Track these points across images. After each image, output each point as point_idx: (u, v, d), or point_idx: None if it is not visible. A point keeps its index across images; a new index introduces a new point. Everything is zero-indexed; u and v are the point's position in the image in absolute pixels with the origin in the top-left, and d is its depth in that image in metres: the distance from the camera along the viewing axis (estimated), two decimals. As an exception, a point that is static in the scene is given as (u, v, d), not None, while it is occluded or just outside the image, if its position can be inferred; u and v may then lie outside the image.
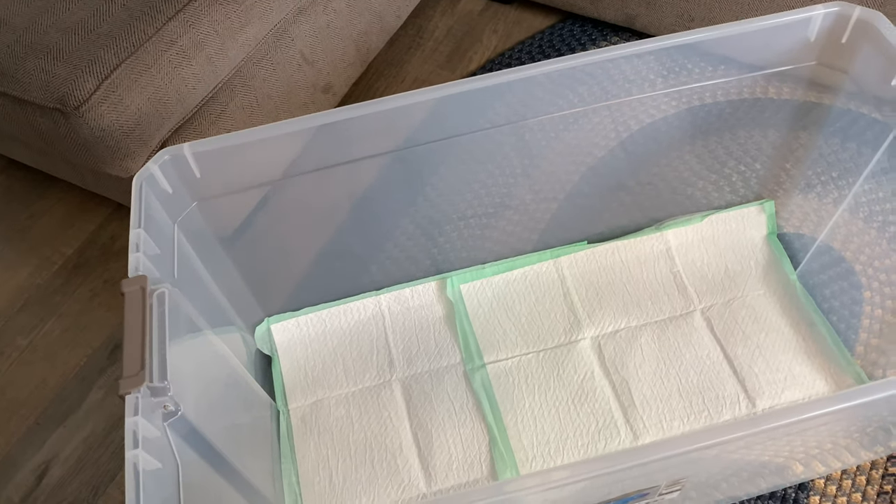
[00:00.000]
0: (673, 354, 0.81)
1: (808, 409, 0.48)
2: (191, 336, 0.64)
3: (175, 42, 0.74)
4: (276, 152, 0.69)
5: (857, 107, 0.75)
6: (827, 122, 0.80)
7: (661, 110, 0.86)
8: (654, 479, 0.54)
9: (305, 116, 0.66)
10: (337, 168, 0.74)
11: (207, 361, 0.68)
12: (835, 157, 0.83)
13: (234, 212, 0.73)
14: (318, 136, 0.69)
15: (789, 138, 0.86)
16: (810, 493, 0.73)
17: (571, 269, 0.88)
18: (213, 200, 0.69)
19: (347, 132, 0.70)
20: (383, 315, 0.86)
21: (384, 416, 0.80)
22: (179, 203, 0.66)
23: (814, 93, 0.80)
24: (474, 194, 0.88)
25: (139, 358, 0.52)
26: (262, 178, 0.71)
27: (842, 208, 0.83)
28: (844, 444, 0.68)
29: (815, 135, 0.83)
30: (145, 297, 0.55)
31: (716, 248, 0.88)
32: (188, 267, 0.68)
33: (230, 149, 0.66)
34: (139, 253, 0.58)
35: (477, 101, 0.72)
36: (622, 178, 0.91)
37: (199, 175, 0.66)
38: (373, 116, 0.69)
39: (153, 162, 0.63)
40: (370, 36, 1.04)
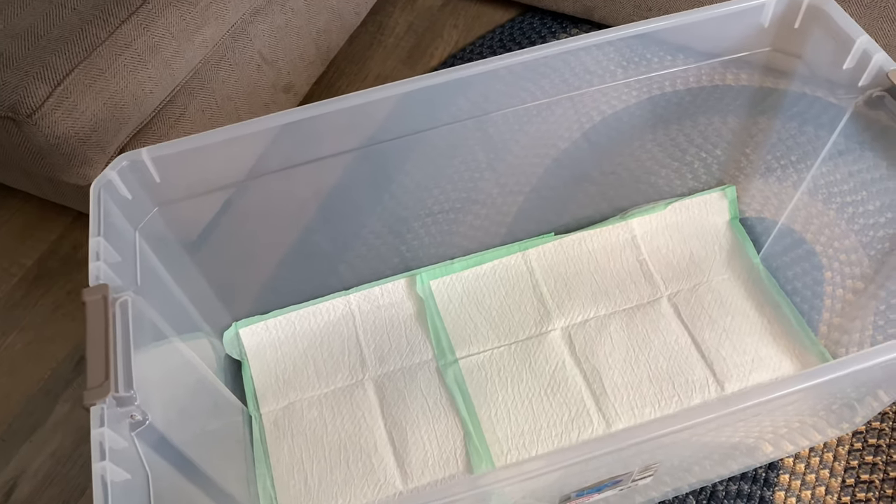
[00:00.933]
0: (642, 341, 0.82)
1: (775, 389, 0.48)
2: (156, 344, 0.63)
3: (129, 45, 0.73)
4: (238, 154, 0.68)
5: (812, 90, 0.77)
6: (783, 106, 0.81)
7: (622, 100, 0.87)
8: (627, 465, 0.55)
9: (267, 116, 0.66)
10: (301, 167, 0.74)
11: (175, 369, 0.67)
12: (792, 141, 0.84)
13: (197, 215, 0.72)
14: (281, 136, 0.69)
15: (748, 124, 0.87)
16: (780, 471, 0.74)
17: (539, 261, 0.88)
18: (175, 205, 0.68)
19: (311, 131, 0.70)
20: (353, 315, 0.86)
21: (358, 415, 0.79)
22: (140, 209, 0.65)
23: (770, 78, 0.81)
24: (441, 189, 0.88)
25: (103, 368, 0.51)
26: (225, 180, 0.70)
27: (801, 191, 0.84)
28: (811, 422, 0.70)
29: (773, 119, 0.85)
30: (107, 306, 0.54)
31: (680, 234, 0.89)
32: (151, 273, 0.67)
33: (190, 152, 0.65)
34: (100, 262, 0.57)
35: (440, 96, 0.72)
36: (586, 168, 0.92)
37: (159, 180, 0.65)
38: (336, 114, 0.69)
39: (111, 168, 0.62)
40: (330, 34, 1.03)
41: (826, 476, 0.74)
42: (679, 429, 0.48)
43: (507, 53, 0.71)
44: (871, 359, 0.49)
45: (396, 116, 0.73)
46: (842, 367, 0.49)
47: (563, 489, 0.56)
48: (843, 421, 0.76)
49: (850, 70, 0.67)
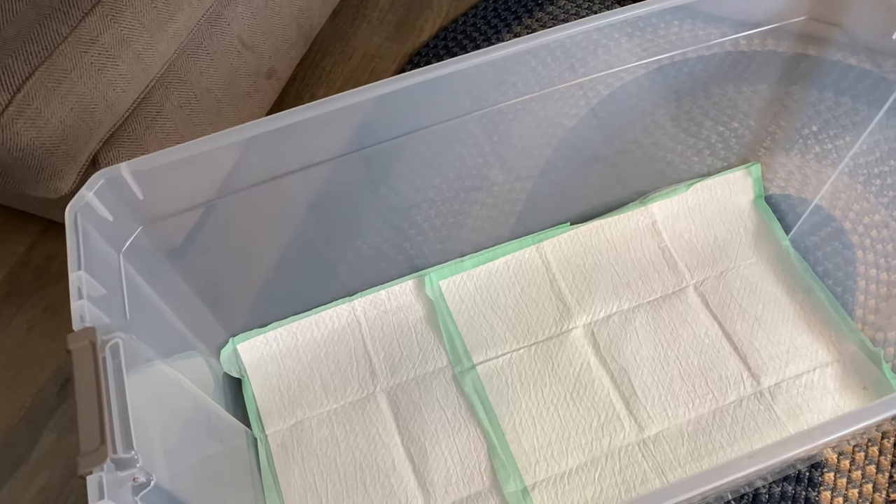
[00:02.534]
0: (670, 336, 0.77)
1: (843, 425, 0.43)
2: (152, 381, 0.56)
3: (96, 40, 0.65)
4: (226, 163, 0.61)
5: (852, 60, 0.71)
6: (817, 77, 0.75)
7: (630, 72, 0.80)
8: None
9: (258, 121, 0.59)
10: (289, 175, 0.67)
11: (173, 403, 0.61)
12: (829, 115, 0.78)
13: (184, 231, 0.65)
14: (272, 140, 0.62)
15: (774, 96, 0.82)
16: (824, 470, 0.70)
17: (555, 253, 0.83)
18: (161, 222, 0.61)
19: (304, 133, 0.63)
20: (359, 322, 0.79)
21: (372, 432, 0.74)
22: (123, 230, 0.58)
23: (802, 46, 0.75)
24: (443, 178, 0.81)
25: (98, 428, 0.45)
26: (214, 191, 0.63)
27: (827, 165, 0.79)
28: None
29: (805, 91, 0.79)
30: (96, 353, 0.47)
31: (702, 217, 0.84)
32: (140, 300, 0.60)
33: (174, 164, 0.57)
34: (83, 300, 0.50)
35: (438, 90, 0.66)
36: (597, 148, 0.86)
37: (142, 196, 0.57)
38: (330, 115, 0.62)
39: (87, 188, 0.54)
40: (311, 11, 0.95)
41: (872, 472, 0.70)
42: (738, 478, 0.43)
43: (510, 41, 0.64)
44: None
45: (389, 116, 0.66)
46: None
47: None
48: (888, 412, 0.72)
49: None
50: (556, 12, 1.07)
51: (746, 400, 0.73)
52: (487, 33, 1.06)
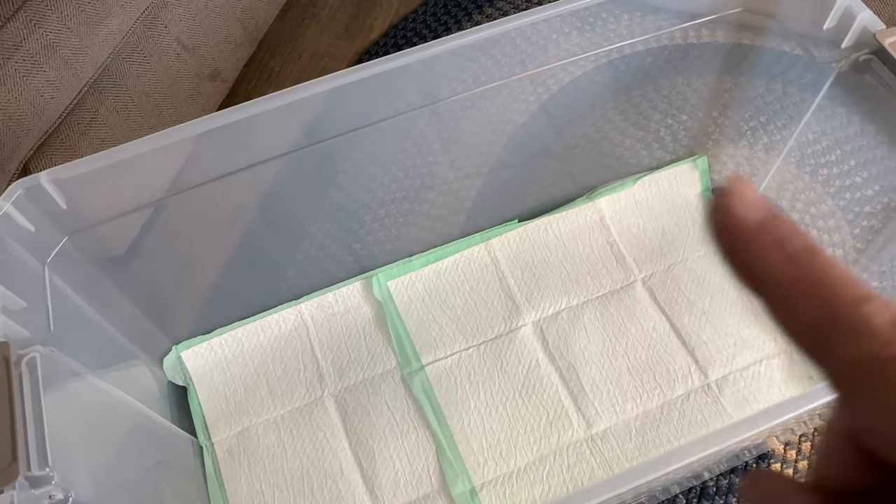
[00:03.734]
0: (618, 331, 0.77)
1: (783, 411, 0.43)
2: (78, 395, 0.55)
3: (19, 46, 0.63)
4: (158, 167, 0.60)
5: (786, 49, 0.71)
6: (754, 67, 0.75)
7: (579, 66, 0.79)
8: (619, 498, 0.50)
9: (189, 123, 0.57)
10: (233, 175, 0.66)
11: (104, 416, 0.59)
12: (763, 103, 0.79)
13: (117, 238, 0.64)
14: (207, 142, 0.60)
15: (717, 87, 0.82)
16: (770, 461, 0.70)
17: (504, 250, 0.82)
18: (89, 230, 0.59)
19: (242, 133, 0.62)
20: (306, 325, 0.78)
21: (319, 437, 0.73)
22: (47, 241, 0.56)
23: (740, 36, 0.75)
24: (392, 177, 0.80)
25: (9, 446, 0.43)
26: (146, 197, 0.61)
27: (773, 155, 0.79)
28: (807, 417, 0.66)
29: (743, 81, 0.79)
30: (10, 369, 0.46)
31: (650, 211, 0.84)
32: (69, 312, 0.58)
33: (100, 170, 0.56)
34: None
35: (386, 85, 0.65)
36: (546, 144, 0.85)
37: (66, 206, 0.56)
38: (270, 113, 0.61)
39: (4, 199, 0.53)
40: (257, 11, 0.93)
41: (819, 462, 0.70)
42: (679, 466, 0.42)
43: (457, 32, 0.63)
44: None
45: (337, 111, 0.65)
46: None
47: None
48: (833, 402, 0.72)
49: (831, 30, 0.61)
50: (507, 8, 1.07)
51: (694, 393, 0.73)
52: (438, 30, 1.05)
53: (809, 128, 0.73)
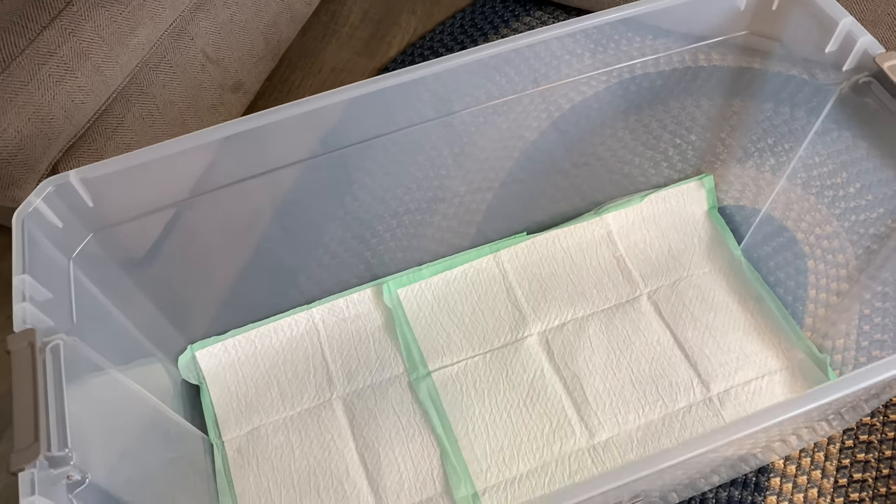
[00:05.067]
0: (622, 343, 0.78)
1: (775, 413, 0.45)
2: (97, 384, 0.57)
3: (54, 53, 0.67)
4: (180, 170, 0.62)
5: (791, 72, 0.73)
6: (762, 89, 0.77)
7: (591, 87, 0.82)
8: (614, 497, 0.51)
9: (210, 128, 0.60)
10: (252, 180, 0.68)
11: (121, 407, 0.62)
12: (771, 124, 0.80)
13: (139, 238, 0.66)
14: (227, 148, 0.63)
15: (724, 107, 0.83)
16: (770, 475, 0.71)
17: (512, 262, 0.84)
18: (113, 229, 0.62)
19: (260, 140, 0.64)
20: (317, 329, 0.81)
21: (327, 438, 0.75)
22: (73, 237, 0.59)
23: (747, 59, 0.77)
24: (405, 189, 0.83)
25: (32, 426, 0.46)
26: (168, 199, 0.64)
27: (784, 177, 0.81)
28: (804, 426, 0.67)
29: (751, 102, 0.81)
30: (35, 354, 0.48)
31: (657, 227, 0.85)
32: (91, 306, 0.61)
33: (126, 171, 0.59)
34: (25, 303, 0.51)
35: (399, 98, 0.67)
36: (557, 160, 0.87)
37: (92, 204, 0.59)
38: (288, 121, 0.63)
39: (35, 195, 0.56)
40: (279, 26, 0.96)
41: (818, 477, 0.71)
42: (672, 464, 0.44)
43: (469, 41, 0.66)
44: (875, 375, 0.45)
45: (353, 121, 0.68)
46: (847, 384, 0.45)
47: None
48: (836, 421, 0.73)
49: (833, 53, 0.63)
50: (522, 29, 1.09)
51: (696, 406, 0.74)
52: (454, 49, 1.08)
53: (815, 149, 0.75)
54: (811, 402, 0.45)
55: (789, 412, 0.45)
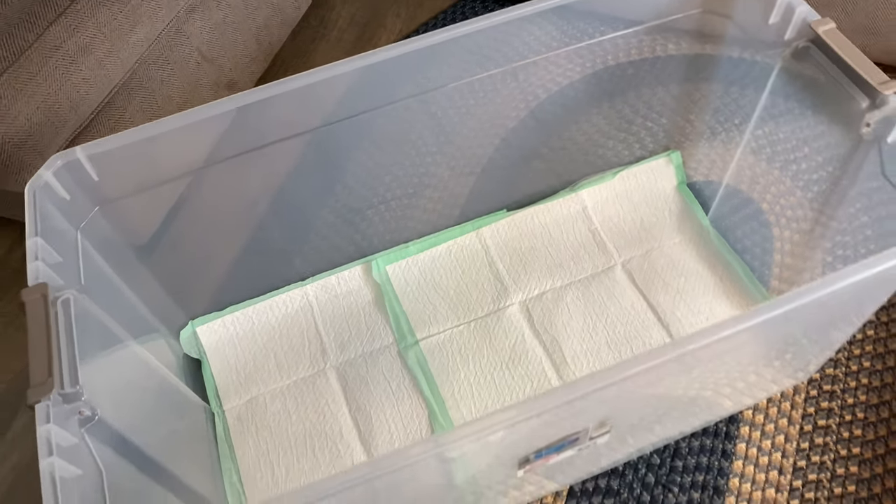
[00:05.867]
0: (599, 309, 0.83)
1: (721, 329, 0.49)
2: (106, 343, 0.62)
3: (59, 47, 0.72)
4: (178, 146, 0.67)
5: (744, 52, 0.78)
6: (718, 70, 0.83)
7: (566, 76, 0.88)
8: (580, 419, 0.55)
9: (204, 105, 0.65)
10: (247, 161, 0.73)
11: (128, 369, 0.66)
12: (730, 103, 0.85)
13: (142, 214, 0.71)
14: (221, 125, 0.68)
15: (687, 90, 0.89)
16: (740, 424, 0.76)
17: (494, 238, 0.89)
18: (118, 203, 0.67)
19: (251, 117, 0.69)
20: (311, 305, 0.85)
21: (321, 404, 0.79)
22: (80, 209, 0.64)
23: (703, 45, 0.83)
24: (392, 176, 0.88)
25: (46, 365, 0.50)
26: (167, 174, 0.69)
27: (741, 151, 0.86)
28: (768, 374, 0.71)
29: (710, 84, 0.86)
30: (47, 305, 0.53)
31: (629, 202, 0.90)
32: (97, 275, 0.66)
33: (128, 147, 0.64)
34: (38, 261, 0.56)
35: (383, 73, 0.73)
36: (535, 146, 0.93)
37: (97, 178, 0.64)
38: (278, 98, 0.69)
39: (45, 168, 0.61)
40: (271, 29, 1.02)
41: (784, 424, 0.75)
42: (628, 375, 0.48)
43: (440, 28, 0.71)
44: (812, 293, 0.50)
45: (342, 96, 0.73)
46: (786, 301, 0.50)
47: (521, 451, 0.56)
48: (798, 370, 0.78)
49: (775, 25, 0.68)
50: (501, 26, 1.15)
51: (668, 363, 0.78)
52: (437, 47, 1.13)
53: (764, 120, 0.80)
54: (742, 322, 0.49)
55: (729, 329, 0.49)
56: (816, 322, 0.64)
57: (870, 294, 0.63)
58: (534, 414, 0.47)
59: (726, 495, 0.72)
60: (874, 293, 0.64)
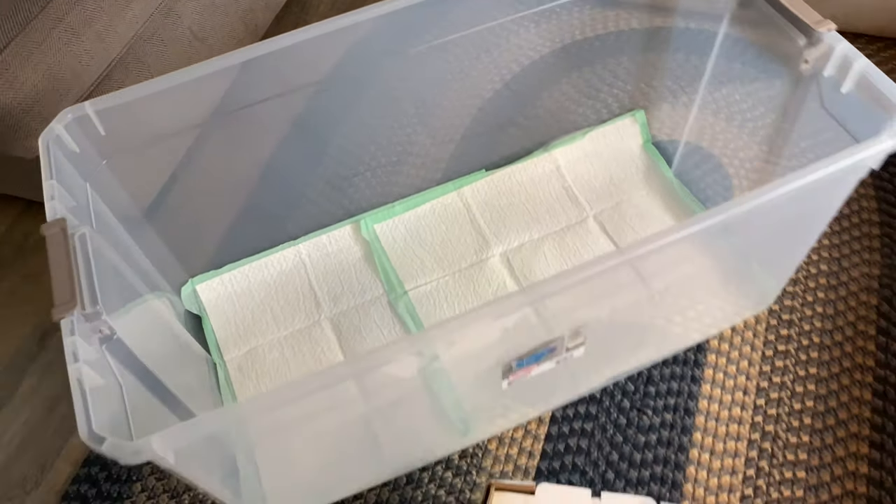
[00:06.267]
0: (573, 256, 0.89)
1: (662, 236, 0.55)
2: (118, 283, 0.67)
3: (62, 19, 0.77)
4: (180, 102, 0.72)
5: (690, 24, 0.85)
6: (672, 40, 0.90)
7: (537, 51, 0.94)
8: (554, 326, 0.61)
9: (202, 63, 0.70)
10: (242, 121, 0.78)
11: (137, 312, 0.71)
12: (684, 68, 0.93)
13: (147, 172, 0.76)
14: (220, 81, 0.73)
15: (648, 58, 0.96)
16: (707, 352, 0.82)
17: (474, 196, 0.95)
18: (123, 158, 0.72)
19: (245, 75, 0.74)
20: (304, 263, 0.91)
21: (318, 351, 0.84)
22: (88, 162, 0.69)
23: (657, 17, 0.90)
24: (377, 146, 0.94)
25: (69, 288, 0.55)
26: (170, 128, 0.74)
27: (697, 110, 0.93)
28: (730, 306, 0.77)
29: (666, 52, 0.93)
30: (67, 235, 0.58)
31: (599, 160, 0.97)
32: (107, 229, 0.70)
33: (134, 103, 0.68)
34: (55, 201, 0.61)
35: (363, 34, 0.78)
36: (510, 114, 0.99)
37: (104, 132, 0.69)
38: (285, 51, 0.73)
39: (57, 121, 0.66)
40: (256, 13, 1.08)
41: (748, 351, 0.81)
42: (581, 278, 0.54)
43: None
44: (744, 202, 0.56)
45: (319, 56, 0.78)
46: (721, 210, 0.56)
47: (502, 357, 0.62)
48: (758, 303, 0.84)
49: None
50: (474, 8, 1.22)
51: (641, 306, 0.84)
52: (415, 29, 1.20)
53: (714, 81, 0.87)
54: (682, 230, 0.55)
55: (670, 236, 0.55)
56: (760, 239, 0.71)
57: (803, 210, 0.69)
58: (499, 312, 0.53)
59: (696, 415, 0.77)
60: (808, 209, 0.70)
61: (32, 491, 0.79)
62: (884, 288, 0.84)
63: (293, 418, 0.57)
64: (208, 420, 0.49)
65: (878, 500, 0.71)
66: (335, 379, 0.52)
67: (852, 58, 0.63)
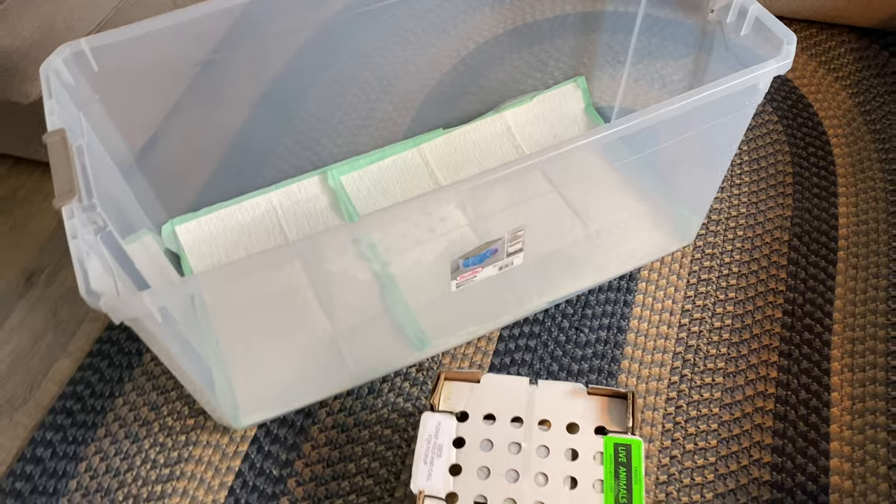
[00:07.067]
0: (522, 203, 0.98)
1: (563, 145, 0.65)
2: (111, 192, 0.74)
3: (59, -23, 0.86)
4: (168, 44, 0.80)
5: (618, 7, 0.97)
6: (604, 22, 1.01)
7: (492, 32, 1.05)
8: (493, 226, 0.70)
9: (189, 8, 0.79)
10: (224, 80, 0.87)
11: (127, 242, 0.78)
12: (614, 44, 1.04)
13: (136, 109, 0.84)
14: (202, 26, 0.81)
15: (588, 37, 1.07)
16: (638, 281, 0.91)
17: (433, 152, 1.04)
18: (114, 96, 0.80)
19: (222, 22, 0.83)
20: (275, 209, 0.99)
21: (283, 277, 0.92)
22: (83, 96, 0.77)
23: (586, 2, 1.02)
24: (343, 112, 1.03)
25: (68, 182, 0.63)
26: (155, 72, 0.82)
27: (626, 79, 1.04)
28: (659, 241, 0.87)
29: (600, 32, 1.05)
30: (67, 143, 0.66)
31: (546, 122, 1.07)
32: (100, 163, 0.78)
33: (127, 42, 0.76)
34: (54, 116, 0.68)
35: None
36: (466, 85, 1.09)
37: (97, 69, 0.77)
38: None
39: (56, 54, 0.73)
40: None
41: (674, 279, 0.91)
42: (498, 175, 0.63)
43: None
44: (641, 115, 0.66)
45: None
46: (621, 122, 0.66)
47: (449, 253, 0.70)
48: (684, 240, 0.94)
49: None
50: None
51: (578, 241, 0.94)
52: (380, 14, 1.30)
53: (637, 53, 0.98)
54: (582, 139, 0.65)
55: (570, 144, 0.65)
56: (678, 170, 0.81)
57: (711, 138, 0.80)
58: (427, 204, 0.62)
59: (627, 332, 0.87)
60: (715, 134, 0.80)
61: (21, 407, 0.85)
62: (794, 226, 0.94)
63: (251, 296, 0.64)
64: (188, 282, 0.57)
65: (784, 399, 0.81)
66: (283, 256, 0.60)
67: (748, 4, 0.74)
